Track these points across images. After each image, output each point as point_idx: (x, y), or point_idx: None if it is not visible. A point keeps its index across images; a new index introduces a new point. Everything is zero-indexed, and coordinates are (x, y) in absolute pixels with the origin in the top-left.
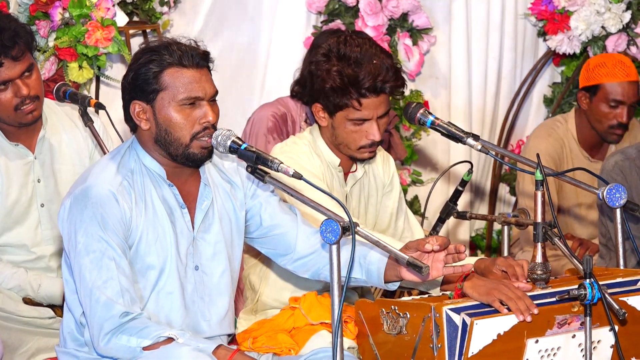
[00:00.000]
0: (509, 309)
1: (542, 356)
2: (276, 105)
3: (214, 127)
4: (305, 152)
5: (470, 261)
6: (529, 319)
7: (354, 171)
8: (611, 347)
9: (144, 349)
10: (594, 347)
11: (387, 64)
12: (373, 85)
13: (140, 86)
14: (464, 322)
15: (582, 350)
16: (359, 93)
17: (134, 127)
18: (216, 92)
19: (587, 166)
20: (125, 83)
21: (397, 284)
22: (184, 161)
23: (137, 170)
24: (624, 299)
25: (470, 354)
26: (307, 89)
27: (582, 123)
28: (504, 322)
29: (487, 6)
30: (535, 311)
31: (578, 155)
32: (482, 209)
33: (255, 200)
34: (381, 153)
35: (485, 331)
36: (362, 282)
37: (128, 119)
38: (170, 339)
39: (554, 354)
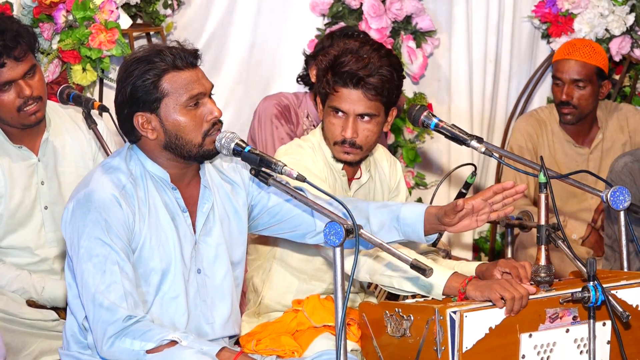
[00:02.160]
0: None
1: (538, 352)
2: (279, 96)
3: (220, 121)
4: (310, 155)
5: (471, 266)
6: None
7: (359, 178)
8: (607, 342)
9: (148, 352)
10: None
11: (378, 65)
12: (351, 73)
13: (141, 98)
14: (456, 318)
15: (578, 346)
16: (337, 76)
17: (137, 139)
18: (212, 86)
19: (570, 150)
20: (122, 98)
21: (436, 235)
22: (199, 159)
23: (139, 174)
24: (613, 292)
25: (464, 349)
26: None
27: None
28: (494, 315)
29: (487, 9)
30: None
31: (561, 139)
32: None
33: (261, 193)
34: (389, 157)
35: (476, 324)
36: (399, 241)
37: (129, 132)
38: (173, 342)
39: (550, 350)
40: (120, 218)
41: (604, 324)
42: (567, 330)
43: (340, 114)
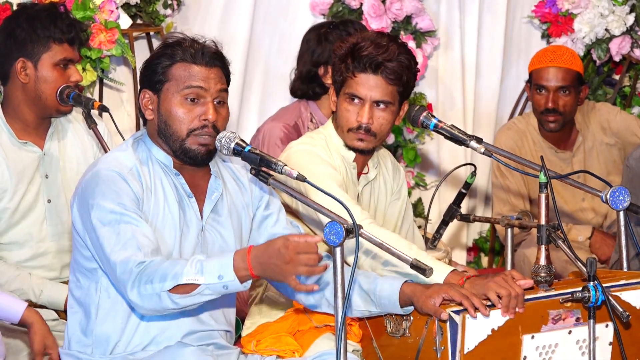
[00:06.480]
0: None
1: (539, 353)
2: (283, 116)
3: (214, 127)
4: (322, 145)
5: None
6: (511, 316)
7: (366, 173)
8: (609, 344)
9: (170, 291)
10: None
11: (397, 52)
12: (371, 58)
13: (149, 76)
14: (459, 320)
15: (580, 347)
16: (356, 61)
17: (144, 118)
18: (222, 92)
19: (553, 157)
20: (140, 74)
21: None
22: (183, 157)
23: (145, 160)
24: (617, 294)
25: (466, 350)
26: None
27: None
28: (497, 318)
29: (483, 10)
30: (520, 310)
31: (542, 147)
32: (485, 211)
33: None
34: (393, 160)
35: (479, 326)
36: (377, 312)
37: (141, 108)
38: (193, 285)
39: (552, 352)
40: (128, 191)
41: (607, 326)
42: (570, 332)
43: (356, 100)
